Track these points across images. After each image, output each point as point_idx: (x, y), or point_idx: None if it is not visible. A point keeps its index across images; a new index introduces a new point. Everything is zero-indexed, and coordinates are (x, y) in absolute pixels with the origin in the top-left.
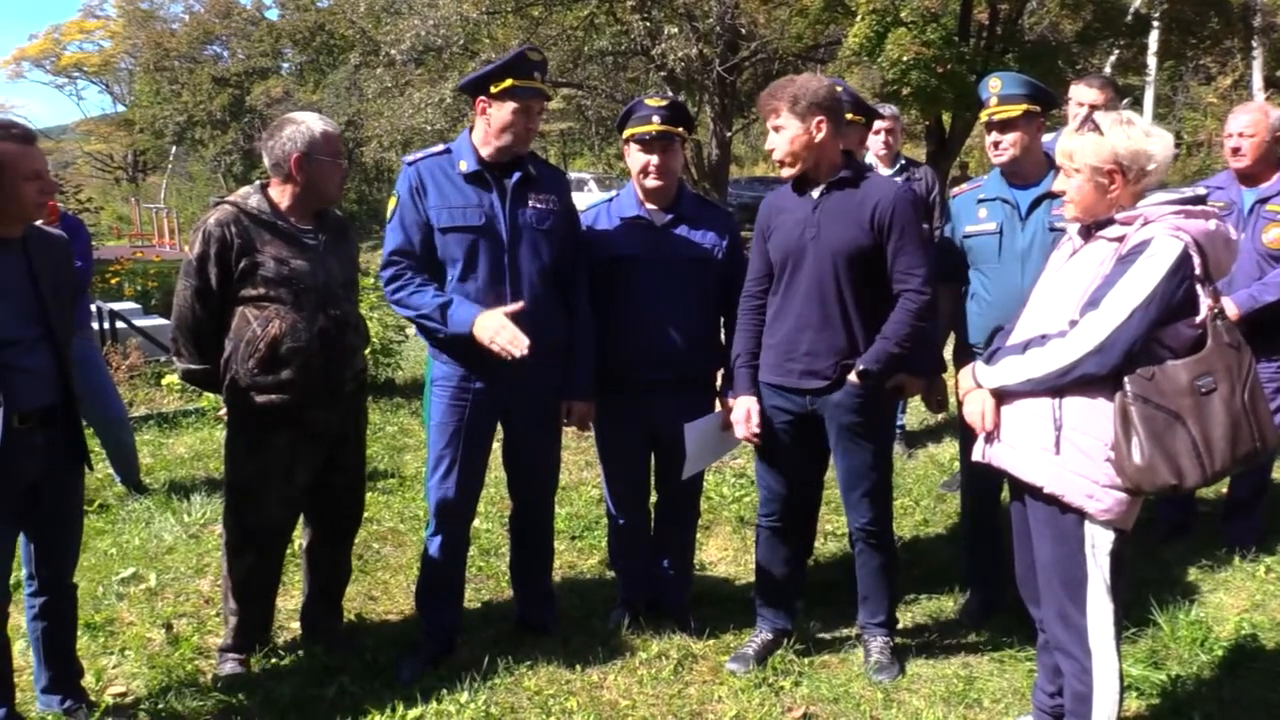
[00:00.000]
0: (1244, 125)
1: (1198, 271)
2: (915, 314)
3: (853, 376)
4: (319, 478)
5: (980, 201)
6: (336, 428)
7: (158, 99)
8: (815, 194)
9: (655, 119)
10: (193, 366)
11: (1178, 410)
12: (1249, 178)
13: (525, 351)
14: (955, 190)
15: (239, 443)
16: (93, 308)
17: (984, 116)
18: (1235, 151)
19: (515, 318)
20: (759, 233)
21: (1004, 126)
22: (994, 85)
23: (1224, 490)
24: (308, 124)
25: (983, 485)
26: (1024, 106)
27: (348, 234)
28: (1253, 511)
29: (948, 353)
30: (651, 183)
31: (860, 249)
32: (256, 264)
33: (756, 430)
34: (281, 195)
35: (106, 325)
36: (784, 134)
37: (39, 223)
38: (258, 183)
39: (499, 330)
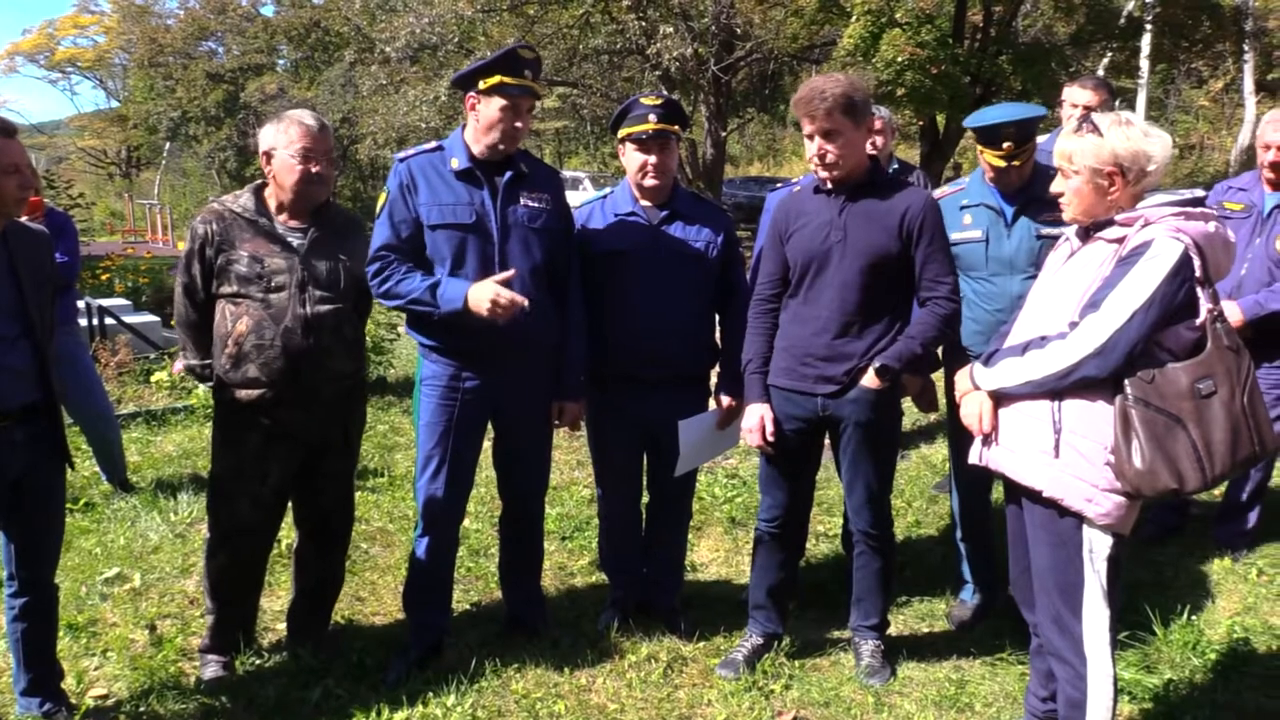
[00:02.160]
0: None
1: (1198, 274)
2: (944, 320)
3: (871, 374)
4: (305, 483)
5: (964, 208)
6: (316, 432)
7: (152, 95)
8: (841, 197)
9: (652, 117)
10: (193, 361)
11: (1178, 413)
12: (1277, 183)
13: (526, 306)
14: (935, 193)
15: (216, 437)
16: (81, 304)
17: (998, 162)
18: (1277, 167)
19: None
20: (776, 234)
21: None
22: (1006, 142)
23: (1217, 493)
24: (278, 122)
25: (976, 487)
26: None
27: (351, 233)
28: (1246, 515)
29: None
30: (650, 181)
31: (887, 254)
32: (231, 261)
33: (771, 439)
34: (271, 193)
35: (95, 321)
36: (841, 140)
37: (23, 218)
38: (257, 182)
39: (495, 296)
